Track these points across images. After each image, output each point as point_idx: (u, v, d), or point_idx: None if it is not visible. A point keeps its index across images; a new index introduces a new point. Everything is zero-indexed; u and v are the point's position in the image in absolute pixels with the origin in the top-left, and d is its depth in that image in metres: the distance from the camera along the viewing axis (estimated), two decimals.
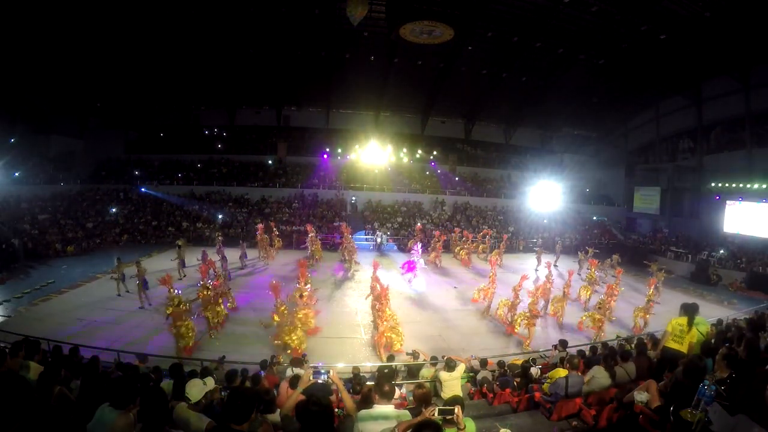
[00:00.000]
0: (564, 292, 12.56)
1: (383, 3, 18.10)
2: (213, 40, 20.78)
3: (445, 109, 29.92)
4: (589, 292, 13.79)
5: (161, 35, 19.69)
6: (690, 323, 5.29)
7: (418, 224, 23.27)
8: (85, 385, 3.98)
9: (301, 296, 10.10)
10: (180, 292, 9.38)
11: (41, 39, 18.01)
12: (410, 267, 15.99)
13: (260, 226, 18.84)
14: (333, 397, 5.91)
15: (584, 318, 11.43)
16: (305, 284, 10.62)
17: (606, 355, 5.84)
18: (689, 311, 5.25)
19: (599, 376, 5.10)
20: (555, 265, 19.64)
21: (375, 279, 11.06)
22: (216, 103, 28.56)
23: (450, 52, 22.12)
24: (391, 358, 8.31)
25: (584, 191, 31.72)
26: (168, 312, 8.87)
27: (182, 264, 14.96)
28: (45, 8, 16.35)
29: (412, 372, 7.49)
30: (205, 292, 10.02)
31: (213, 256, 14.79)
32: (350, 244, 18.13)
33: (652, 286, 12.09)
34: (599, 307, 11.18)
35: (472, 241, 20.99)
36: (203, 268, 11.25)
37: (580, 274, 17.89)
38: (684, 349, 5.14)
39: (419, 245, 17.56)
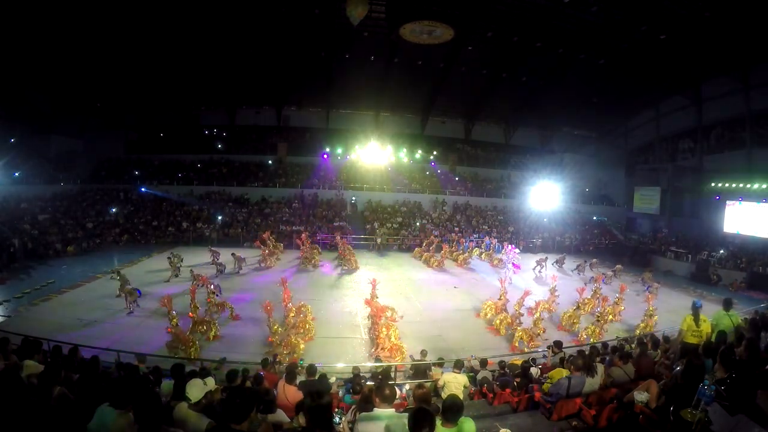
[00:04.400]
0: (578, 305, 12.15)
1: (383, 3, 18.08)
2: (213, 40, 20.77)
3: (445, 109, 29.91)
4: (591, 307, 13.46)
5: (161, 35, 19.67)
6: (696, 319, 5.69)
7: (432, 236, 21.98)
8: (84, 384, 3.98)
9: (295, 313, 10.06)
10: (175, 312, 9.26)
11: (42, 39, 18.00)
12: (516, 266, 18.16)
13: (265, 234, 18.77)
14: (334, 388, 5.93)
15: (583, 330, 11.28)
16: (289, 302, 10.25)
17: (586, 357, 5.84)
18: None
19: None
20: (560, 267, 19.63)
21: (370, 300, 10.55)
22: (216, 103, 28.55)
23: (450, 52, 22.12)
24: (378, 359, 8.32)
25: (584, 191, 31.71)
26: (170, 331, 8.95)
27: (176, 273, 14.92)
28: (45, 8, 16.35)
29: (419, 372, 7.50)
30: (191, 314, 9.77)
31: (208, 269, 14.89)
32: (348, 250, 18.35)
33: (651, 301, 12.05)
34: (597, 320, 11.13)
35: (474, 246, 21.08)
36: (192, 289, 10.49)
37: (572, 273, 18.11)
38: (701, 342, 5.32)
39: (513, 247, 19.02)
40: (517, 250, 19.04)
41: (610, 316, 11.67)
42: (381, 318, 9.63)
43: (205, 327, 9.89)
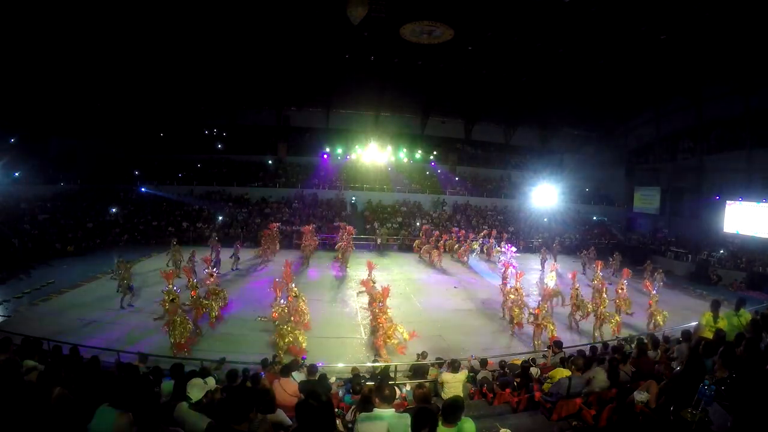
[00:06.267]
0: (575, 294, 12.11)
1: (383, 3, 18.07)
2: (213, 41, 20.75)
3: (445, 109, 29.88)
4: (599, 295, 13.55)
5: (162, 36, 19.66)
6: (715, 316, 5.80)
7: (425, 225, 23.09)
8: (85, 385, 3.98)
9: (295, 296, 10.12)
10: (178, 290, 9.39)
11: (42, 39, 17.99)
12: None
13: (271, 225, 19.01)
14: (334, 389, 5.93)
15: (612, 322, 11.05)
16: (290, 283, 10.44)
17: (612, 357, 5.85)
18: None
19: (599, 377, 5.11)
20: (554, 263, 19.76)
21: (368, 281, 11.14)
22: (216, 103, 28.54)
23: (450, 52, 22.09)
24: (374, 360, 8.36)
25: (584, 191, 31.69)
26: (165, 307, 8.97)
27: (177, 264, 14.99)
28: (46, 9, 16.35)
29: (419, 372, 7.51)
30: (194, 292, 9.98)
31: (207, 254, 14.97)
32: (349, 245, 18.27)
33: (651, 287, 12.11)
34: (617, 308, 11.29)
35: (472, 240, 21.11)
36: (187, 270, 11.52)
37: (585, 273, 17.96)
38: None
39: (510, 246, 19.05)
40: (514, 249, 19.02)
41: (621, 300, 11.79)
42: (384, 300, 9.67)
43: (202, 310, 10.01)
